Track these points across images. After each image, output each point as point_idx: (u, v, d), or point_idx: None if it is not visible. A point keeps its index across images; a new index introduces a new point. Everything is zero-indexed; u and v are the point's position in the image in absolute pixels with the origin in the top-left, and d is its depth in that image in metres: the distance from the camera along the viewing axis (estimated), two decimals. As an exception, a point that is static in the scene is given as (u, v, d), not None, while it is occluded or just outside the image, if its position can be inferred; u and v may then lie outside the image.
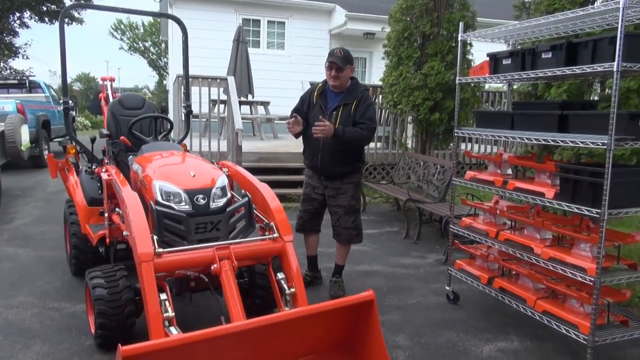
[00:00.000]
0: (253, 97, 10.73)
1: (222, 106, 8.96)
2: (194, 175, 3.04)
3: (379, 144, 8.36)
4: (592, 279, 2.66)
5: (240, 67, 10.28)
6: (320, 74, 11.32)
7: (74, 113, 14.95)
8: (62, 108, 4.28)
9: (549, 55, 2.90)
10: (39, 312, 3.55)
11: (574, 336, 2.81)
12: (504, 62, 3.30)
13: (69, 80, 4.21)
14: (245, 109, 10.45)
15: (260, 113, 10.78)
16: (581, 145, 2.68)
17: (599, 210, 2.59)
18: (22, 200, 7.39)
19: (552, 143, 2.84)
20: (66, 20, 20.90)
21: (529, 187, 3.14)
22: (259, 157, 7.88)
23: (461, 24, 3.61)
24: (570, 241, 3.18)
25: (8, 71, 21.72)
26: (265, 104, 10.78)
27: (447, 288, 3.95)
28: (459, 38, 3.61)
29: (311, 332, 2.60)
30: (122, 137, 3.86)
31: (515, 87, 4.89)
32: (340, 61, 3.69)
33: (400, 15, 7.06)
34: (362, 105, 3.76)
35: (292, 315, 2.51)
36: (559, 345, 3.24)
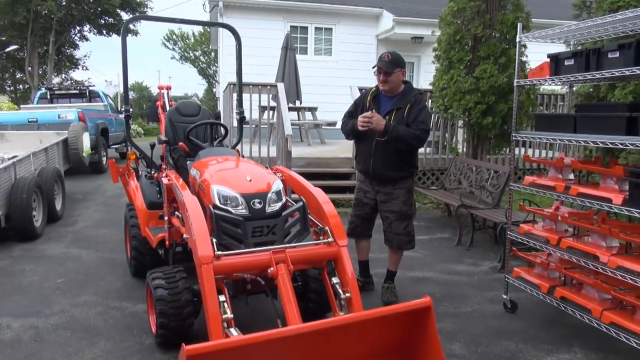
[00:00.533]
0: (301, 103, 10.83)
1: (271, 112, 9.09)
2: (251, 180, 3.09)
3: (428, 149, 8.24)
4: (666, 290, 2.51)
5: (289, 73, 10.41)
6: (367, 79, 11.36)
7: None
8: (123, 115, 4.47)
9: (616, 54, 2.78)
10: (103, 311, 3.71)
11: (645, 350, 2.66)
12: (566, 62, 3.18)
13: (123, 90, 4.39)
14: (293, 115, 10.56)
15: (307, 119, 10.87)
16: (653, 148, 2.54)
17: (673, 217, 2.45)
18: (83, 204, 7.76)
19: (621, 146, 2.71)
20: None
21: (594, 193, 3.01)
22: (308, 162, 7.94)
23: (519, 25, 3.51)
24: (638, 249, 3.03)
25: (69, 82, 22.92)
26: (312, 109, 10.86)
27: (504, 296, 3.84)
28: (517, 39, 3.52)
29: (367, 337, 2.59)
30: (180, 143, 3.99)
31: (575, 88, 4.70)
32: (387, 65, 3.69)
33: (451, 18, 6.96)
34: (415, 108, 3.73)
35: (348, 320, 2.51)
36: (627, 359, 3.07)
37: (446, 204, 6.89)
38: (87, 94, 12.81)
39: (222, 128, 4.40)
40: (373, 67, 3.84)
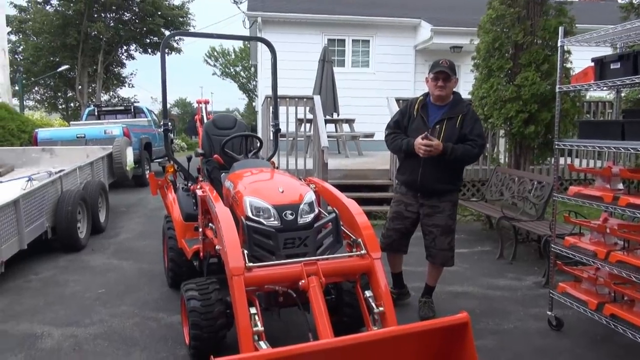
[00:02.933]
0: (338, 115, 10.84)
1: (307, 125, 9.12)
2: (283, 192, 3.08)
3: (468, 160, 8.03)
4: None
5: (326, 86, 10.45)
6: (404, 90, 11.21)
7: (172, 135, 16.08)
8: (162, 130, 4.57)
9: (667, 56, 2.61)
10: (139, 322, 3.76)
11: None
12: (612, 66, 3.02)
13: (168, 106, 4.50)
14: (331, 127, 10.58)
15: (345, 131, 10.85)
16: None
17: None
18: (126, 216, 7.98)
19: (674, 153, 2.53)
20: (166, 50, 22.70)
21: (646, 203, 2.82)
22: (344, 174, 7.89)
23: (561, 29, 3.38)
24: (697, 264, 2.81)
25: (116, 99, 23.89)
26: (350, 121, 10.85)
27: (549, 313, 3.64)
28: (559, 44, 3.38)
29: (401, 353, 2.50)
30: (215, 156, 4.03)
31: (623, 94, 4.47)
32: (448, 70, 3.61)
33: (490, 26, 6.80)
34: (469, 119, 3.62)
35: (382, 335, 2.44)
36: (687, 383, 2.84)
37: (487, 216, 6.68)
38: (132, 110, 13.28)
39: (257, 140, 4.43)
40: (429, 73, 3.73)
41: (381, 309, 2.78)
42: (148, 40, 22.57)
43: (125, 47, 23.86)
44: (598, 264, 3.21)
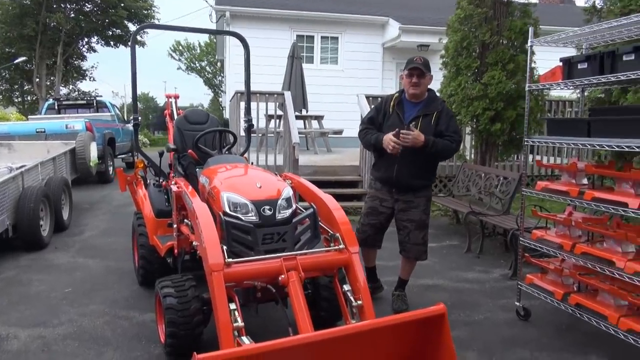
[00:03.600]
0: (307, 111, 10.84)
1: (277, 121, 9.08)
2: (260, 187, 3.06)
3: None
4: (687, 296, 2.45)
5: (295, 82, 10.44)
6: (373, 87, 11.32)
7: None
8: (132, 125, 4.47)
9: (632, 57, 2.74)
10: (110, 320, 3.67)
11: (666, 358, 2.59)
12: (579, 66, 3.14)
13: (128, 101, 4.40)
14: (299, 123, 10.57)
15: (314, 127, 10.87)
16: (671, 151, 2.50)
17: (693, 221, 2.39)
18: (91, 213, 7.76)
19: (638, 150, 2.66)
20: (129, 43, 22.06)
21: (610, 197, 2.96)
22: (315, 171, 7.91)
23: (530, 30, 3.49)
24: (656, 255, 2.97)
25: (76, 93, 23.13)
26: (319, 118, 10.87)
27: (517, 304, 3.77)
28: (528, 44, 3.49)
29: (380, 345, 2.54)
30: (189, 151, 3.97)
31: (586, 93, 4.66)
32: (423, 67, 3.65)
33: (458, 25, 6.95)
34: (444, 116, 3.68)
35: (361, 327, 2.47)
36: (646, 368, 3.00)
37: (454, 211, 6.84)
38: (95, 105, 12.89)
39: (230, 136, 4.39)
40: (402, 71, 3.78)
41: (359, 302, 2.81)
42: (110, 33, 21.94)
43: (86, 40, 23.11)
44: (564, 256, 3.34)
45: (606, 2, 4.40)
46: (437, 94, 3.96)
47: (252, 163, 4.18)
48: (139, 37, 22.37)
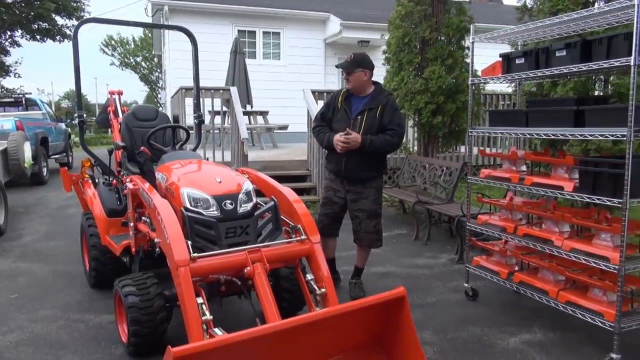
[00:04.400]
0: (252, 107, 10.80)
1: (218, 117, 8.97)
2: (220, 182, 3.08)
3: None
4: (617, 267, 2.74)
5: (239, 77, 10.36)
6: (316, 83, 11.45)
7: (69, 130, 14.95)
8: (77, 122, 4.32)
9: (564, 52, 3.00)
10: (65, 325, 3.56)
11: (599, 324, 2.88)
12: (517, 61, 3.39)
13: (56, 98, 4.26)
14: (244, 119, 10.51)
15: (259, 123, 10.85)
16: (600, 138, 2.77)
17: (621, 200, 2.68)
18: (27, 217, 7.36)
19: (571, 138, 2.93)
20: (57, 37, 20.72)
21: (547, 182, 3.23)
22: (263, 166, 7.92)
23: (472, 28, 3.71)
24: (587, 232, 3.27)
25: (0, 90, 21.64)
26: (264, 113, 10.86)
27: (466, 285, 4.02)
28: (470, 40, 3.71)
29: (345, 330, 2.65)
30: (142, 148, 3.90)
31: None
32: (345, 66, 3.85)
33: (399, 22, 7.19)
34: (388, 109, 3.82)
35: (327, 313, 2.55)
36: (581, 335, 3.31)
37: (401, 201, 7.10)
38: (24, 102, 12.16)
39: (182, 131, 4.34)
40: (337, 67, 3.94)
41: (323, 290, 2.91)
42: (36, 26, 20.66)
43: (9, 33, 21.62)
44: (507, 238, 3.61)
45: (536, 1, 4.72)
46: (384, 88, 4.12)
47: (207, 158, 4.16)
48: (68, 32, 21.29)
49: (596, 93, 4.50)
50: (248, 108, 10.66)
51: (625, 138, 2.61)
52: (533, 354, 3.11)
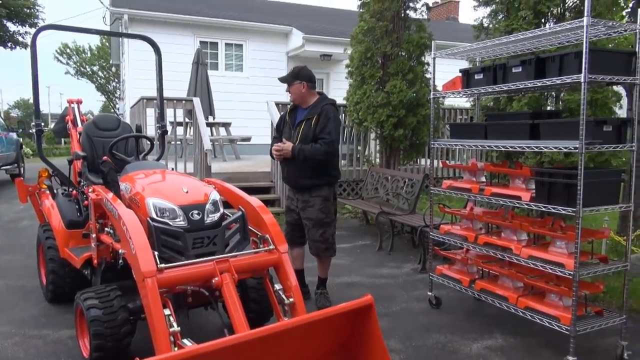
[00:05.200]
0: (214, 118, 10.72)
1: (180, 128, 8.85)
2: (187, 192, 3.06)
3: (343, 162, 8.54)
4: (571, 273, 2.88)
5: (201, 89, 10.28)
6: (279, 95, 11.56)
7: (20, 140, 14.36)
8: (35, 130, 4.19)
9: (519, 69, 3.16)
10: (21, 341, 3.41)
11: (556, 328, 3.01)
12: (476, 77, 3.54)
13: (5, 107, 4.14)
14: (207, 130, 10.41)
15: (222, 134, 10.77)
16: (554, 150, 2.93)
17: (574, 209, 2.83)
18: (-24, 230, 7.02)
19: (527, 149, 3.08)
20: (9, 44, 19.91)
21: (506, 192, 3.37)
22: (227, 177, 7.84)
23: (433, 44, 3.86)
24: (544, 240, 3.43)
25: (-55, 98, 20.60)
26: (226, 125, 10.78)
27: (429, 293, 4.11)
28: (432, 56, 3.85)
29: (314, 339, 2.67)
30: (104, 157, 3.82)
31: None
32: (284, 78, 4.07)
33: (362, 37, 7.35)
34: (322, 119, 3.89)
35: (295, 323, 2.56)
36: (540, 339, 3.44)
37: (364, 212, 7.19)
38: (-28, 111, 11.63)
39: (146, 141, 4.27)
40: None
41: (291, 300, 2.92)
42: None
43: (-45, 39, 20.63)
44: (469, 246, 3.73)
45: (492, 21, 4.95)
46: (338, 102, 4.26)
47: (172, 169, 4.12)
48: (20, 38, 20.54)
49: (549, 108, 4.73)
50: (210, 119, 10.57)
51: (577, 150, 2.77)
52: (495, 358, 3.21)
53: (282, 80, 4.09)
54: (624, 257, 3.36)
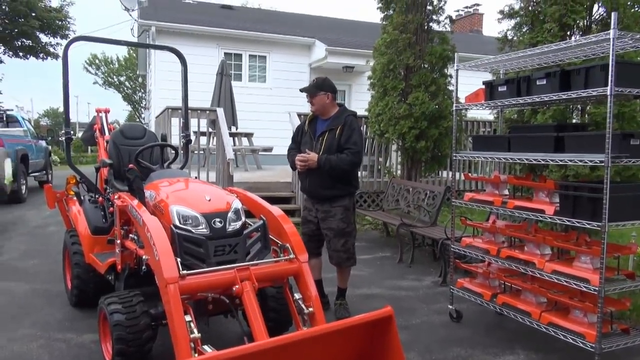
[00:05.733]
0: (237, 128, 10.86)
1: (203, 138, 8.98)
2: (210, 200, 3.11)
3: (364, 173, 8.54)
4: (597, 289, 2.82)
5: (224, 99, 10.44)
6: (301, 106, 11.66)
7: (49, 147, 14.77)
8: (64, 138, 4.31)
9: (544, 82, 3.14)
10: (46, 344, 3.49)
11: (580, 345, 2.94)
12: (500, 89, 3.53)
13: (35, 116, 4.27)
14: (229, 140, 10.55)
15: (244, 144, 10.89)
16: (580, 163, 2.89)
17: (600, 224, 2.78)
18: (4, 235, 7.21)
19: (551, 162, 3.04)
20: (41, 55, 20.56)
21: (529, 205, 3.33)
22: (249, 187, 7.91)
23: (456, 56, 3.85)
24: (568, 255, 3.36)
25: (-21, 106, 21.31)
26: (248, 135, 10.91)
27: (450, 307, 4.06)
28: (455, 68, 3.85)
29: (333, 349, 2.67)
30: (130, 165, 3.90)
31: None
32: (308, 89, 4.06)
33: (384, 49, 7.37)
34: (346, 129, 3.93)
35: (315, 332, 2.58)
36: (563, 356, 3.37)
37: (385, 224, 7.17)
38: (4, 119, 12.01)
39: (171, 150, 4.36)
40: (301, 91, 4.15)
41: (310, 309, 2.92)
42: (19, 43, 20.55)
43: (-10, 49, 21.42)
44: (491, 260, 3.68)
45: (516, 33, 4.92)
46: (359, 114, 4.27)
47: (195, 177, 4.18)
48: (51, 49, 21.21)
49: (574, 121, 4.67)
50: (233, 129, 10.71)
51: (603, 164, 2.73)
52: (516, 375, 3.16)
53: (305, 90, 4.10)
54: (651, 274, 3.28)
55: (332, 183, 3.95)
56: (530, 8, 4.76)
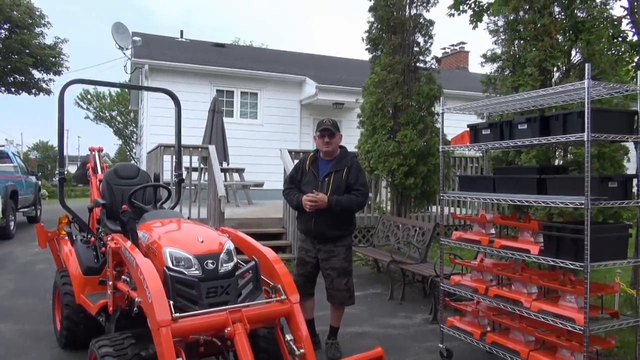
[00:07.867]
0: (228, 164, 10.95)
1: (194, 174, 9.06)
2: (202, 241, 3.15)
3: (355, 208, 8.59)
4: (582, 328, 2.88)
5: (216, 135, 10.58)
6: (291, 142, 11.78)
7: (39, 183, 14.73)
8: (58, 179, 4.36)
9: (525, 126, 3.28)
10: (33, 387, 3.45)
11: (569, 385, 2.98)
12: (484, 132, 3.67)
13: (24, 149, 4.33)
14: (221, 175, 10.63)
15: (235, 180, 10.97)
16: (561, 205, 3.00)
17: (582, 264, 2.86)
18: (-8, 273, 7.14)
19: (534, 204, 3.15)
20: (33, 90, 20.70)
21: (515, 245, 3.41)
22: (239, 223, 7.96)
23: (442, 99, 4.01)
24: (554, 294, 3.43)
25: (-32, 141, 21.28)
26: (240, 171, 11.00)
27: (441, 345, 4.08)
28: (440, 110, 4.00)
29: (324, 391, 2.68)
30: (124, 206, 3.95)
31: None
32: (332, 128, 4.07)
33: (373, 89, 7.59)
34: (354, 171, 4.04)
35: (307, 374, 2.61)
36: (553, 396, 3.38)
37: (375, 260, 7.20)
38: (-5, 155, 12.02)
39: (164, 190, 4.42)
40: (316, 132, 4.14)
41: (302, 351, 2.94)
42: (12, 79, 20.75)
43: (-18, 85, 21.56)
44: (479, 298, 3.73)
45: (499, 76, 5.12)
46: (349, 150, 4.35)
47: (188, 217, 4.24)
48: (44, 85, 21.40)
49: (557, 161, 4.82)
50: (224, 165, 10.81)
51: (583, 206, 2.84)
52: (507, 415, 3.17)
53: (328, 131, 4.04)
54: (635, 312, 3.35)
55: (338, 223, 4.02)
56: (511, 52, 4.98)
